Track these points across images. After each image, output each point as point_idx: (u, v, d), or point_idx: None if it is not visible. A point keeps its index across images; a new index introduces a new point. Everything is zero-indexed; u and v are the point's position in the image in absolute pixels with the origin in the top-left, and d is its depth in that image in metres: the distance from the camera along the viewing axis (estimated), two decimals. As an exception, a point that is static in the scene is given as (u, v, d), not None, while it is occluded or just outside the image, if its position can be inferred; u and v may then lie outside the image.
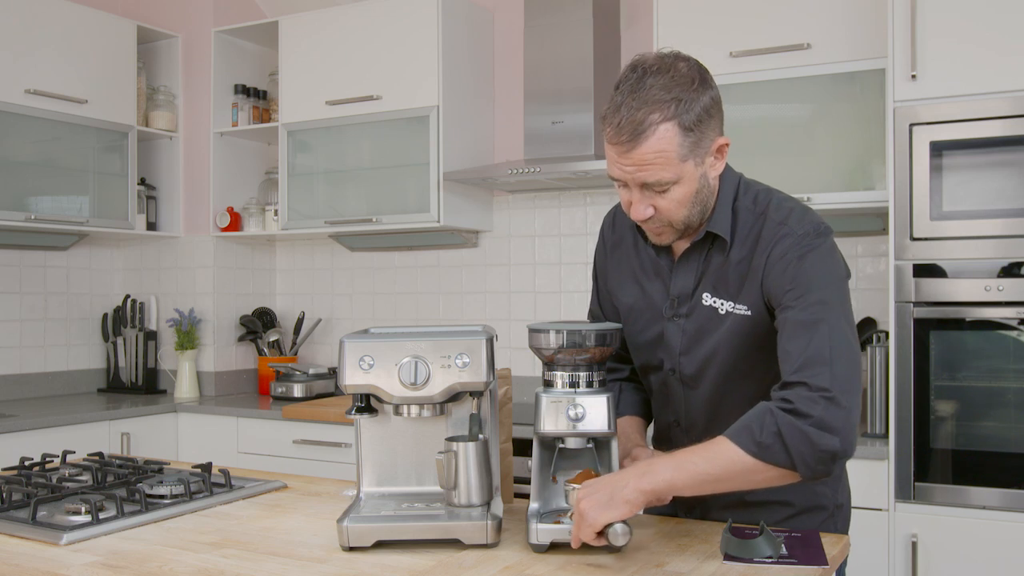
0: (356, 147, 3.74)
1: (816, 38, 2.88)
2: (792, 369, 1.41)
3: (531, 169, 3.23)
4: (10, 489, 1.85)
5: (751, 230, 1.55)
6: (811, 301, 1.44)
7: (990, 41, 2.50)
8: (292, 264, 4.36)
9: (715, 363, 1.59)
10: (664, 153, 1.43)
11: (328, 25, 3.74)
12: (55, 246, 3.96)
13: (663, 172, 1.45)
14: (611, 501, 1.36)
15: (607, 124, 1.46)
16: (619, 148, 1.45)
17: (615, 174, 1.50)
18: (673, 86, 1.43)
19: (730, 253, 1.56)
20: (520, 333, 3.67)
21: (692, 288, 1.60)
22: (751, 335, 1.55)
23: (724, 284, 1.56)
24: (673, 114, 1.42)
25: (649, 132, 1.42)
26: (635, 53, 1.62)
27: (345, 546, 1.52)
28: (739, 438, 1.38)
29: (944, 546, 2.50)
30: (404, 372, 1.55)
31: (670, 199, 1.49)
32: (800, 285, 1.46)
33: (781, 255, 1.49)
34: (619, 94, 1.45)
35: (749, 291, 1.53)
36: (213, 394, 4.03)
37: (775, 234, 1.51)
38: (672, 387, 1.67)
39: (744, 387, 1.59)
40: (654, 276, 1.66)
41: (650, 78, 1.44)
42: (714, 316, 1.57)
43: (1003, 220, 2.46)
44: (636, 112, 1.42)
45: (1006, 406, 2.49)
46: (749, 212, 1.56)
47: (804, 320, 1.43)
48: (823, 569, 1.41)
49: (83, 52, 3.70)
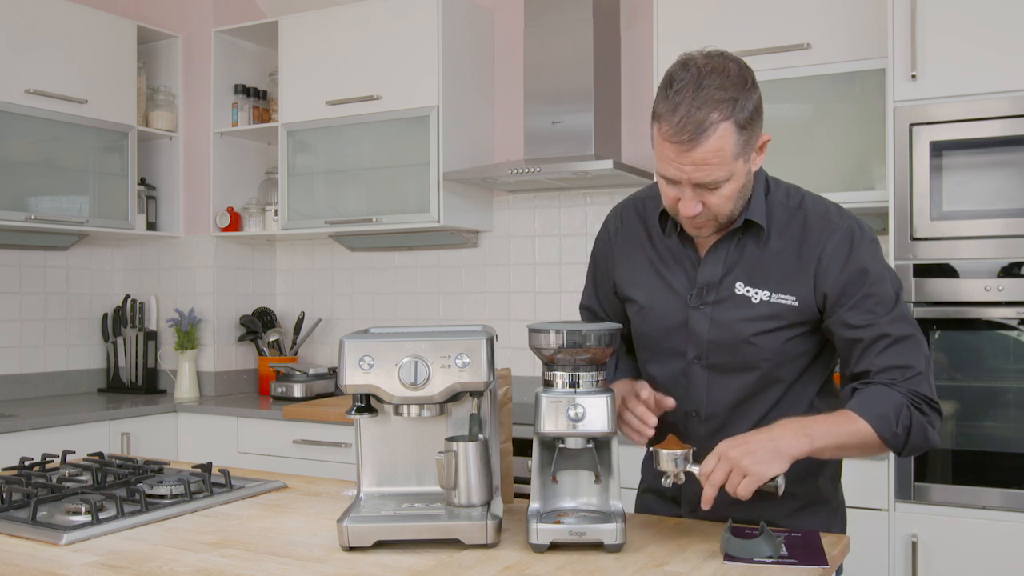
0: (356, 147, 3.74)
1: (816, 38, 2.88)
2: (905, 374, 1.53)
3: (531, 169, 3.23)
4: (10, 489, 1.85)
5: (789, 223, 1.60)
6: (895, 311, 1.55)
7: (990, 41, 2.50)
8: (292, 264, 4.36)
9: (747, 351, 1.61)
10: (722, 152, 1.46)
11: (328, 25, 3.74)
12: (55, 246, 3.96)
13: (719, 171, 1.48)
14: (776, 456, 1.43)
15: (663, 123, 1.46)
16: (678, 147, 1.46)
17: (670, 173, 1.50)
18: (729, 86, 1.46)
19: (768, 243, 1.60)
20: (520, 333, 3.67)
21: (720, 276, 1.62)
22: (794, 324, 1.59)
23: (762, 274, 1.60)
24: (731, 113, 1.45)
25: (710, 131, 1.44)
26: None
27: (345, 546, 1.52)
28: (879, 424, 1.49)
29: (944, 546, 2.50)
30: (404, 372, 1.55)
31: (720, 195, 1.51)
32: (875, 287, 1.55)
33: (834, 250, 1.56)
34: (675, 93, 1.46)
35: (798, 282, 1.58)
36: (213, 394, 4.03)
37: (823, 227, 1.58)
38: (694, 376, 1.66)
39: (775, 374, 1.62)
40: (675, 265, 1.67)
41: (706, 78, 1.45)
42: (746, 304, 1.60)
43: (1003, 220, 2.47)
44: (696, 111, 1.44)
45: (1006, 406, 2.49)
46: (783, 206, 1.62)
47: (894, 325, 1.54)
48: (823, 569, 1.41)
49: (83, 52, 3.70)
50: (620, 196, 3.60)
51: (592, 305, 1.87)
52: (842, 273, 1.55)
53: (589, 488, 1.61)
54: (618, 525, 1.49)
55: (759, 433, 1.48)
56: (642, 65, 3.52)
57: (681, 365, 1.67)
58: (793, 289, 1.58)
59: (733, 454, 1.43)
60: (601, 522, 1.51)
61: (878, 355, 1.53)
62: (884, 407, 1.50)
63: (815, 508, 1.70)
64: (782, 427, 1.48)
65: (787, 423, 1.50)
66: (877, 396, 1.52)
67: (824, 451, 1.49)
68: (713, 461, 1.44)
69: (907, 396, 1.52)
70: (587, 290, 1.88)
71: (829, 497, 1.73)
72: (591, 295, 1.87)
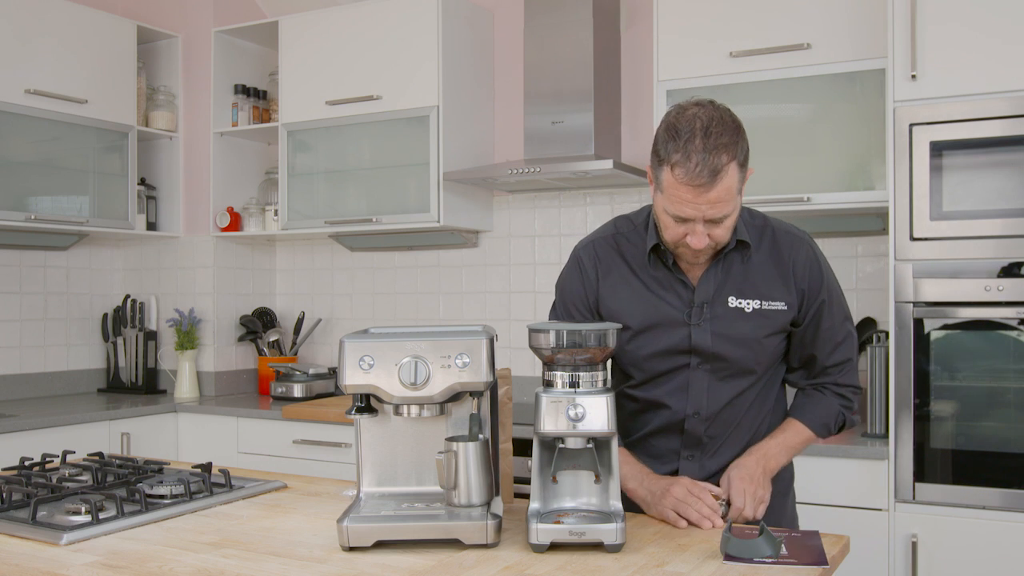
0: (356, 147, 3.74)
1: (816, 38, 2.88)
2: (841, 369, 1.88)
3: (531, 169, 3.23)
4: (10, 489, 1.85)
5: (761, 240, 1.83)
6: (842, 311, 1.87)
7: (990, 41, 2.50)
8: (292, 264, 4.36)
9: (747, 355, 1.81)
10: (730, 190, 1.64)
11: (328, 25, 3.74)
12: (55, 246, 3.96)
13: (727, 206, 1.66)
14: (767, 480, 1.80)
15: (678, 168, 1.61)
16: (697, 190, 1.62)
17: (686, 213, 1.65)
18: (730, 131, 1.63)
19: (751, 259, 1.81)
20: (520, 333, 3.67)
21: (712, 293, 1.80)
22: (785, 327, 1.83)
23: (750, 286, 1.81)
24: (735, 155, 1.63)
25: (723, 173, 1.61)
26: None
27: (345, 546, 1.52)
28: (821, 431, 1.88)
29: (944, 546, 2.50)
30: (404, 372, 1.55)
31: (724, 227, 1.70)
32: (831, 292, 1.85)
33: (805, 260, 1.82)
34: (686, 142, 1.61)
35: (783, 289, 1.81)
36: (213, 394, 4.03)
37: (791, 241, 1.83)
38: (696, 382, 1.83)
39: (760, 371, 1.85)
40: (666, 291, 1.82)
41: (711, 125, 1.62)
42: (740, 315, 1.80)
43: (1003, 220, 2.46)
44: (710, 157, 1.60)
45: (1006, 406, 2.49)
46: (751, 226, 1.83)
47: (842, 326, 1.87)
48: (823, 569, 1.41)
49: (83, 52, 3.70)
50: (620, 196, 3.61)
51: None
52: (811, 279, 1.82)
53: (589, 488, 1.61)
54: (618, 525, 1.49)
55: (754, 463, 1.80)
56: (642, 65, 3.52)
57: (683, 376, 1.83)
58: (780, 295, 1.81)
59: (751, 488, 1.76)
60: (601, 522, 1.51)
61: (832, 351, 1.86)
62: (825, 416, 1.88)
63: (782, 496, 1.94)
64: (761, 452, 1.82)
65: (762, 448, 1.83)
66: (818, 406, 1.89)
67: (784, 462, 1.87)
68: (741, 498, 1.75)
69: (840, 399, 1.89)
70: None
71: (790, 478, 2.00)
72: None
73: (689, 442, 1.86)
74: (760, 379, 1.86)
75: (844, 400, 1.90)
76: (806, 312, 1.83)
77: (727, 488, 1.77)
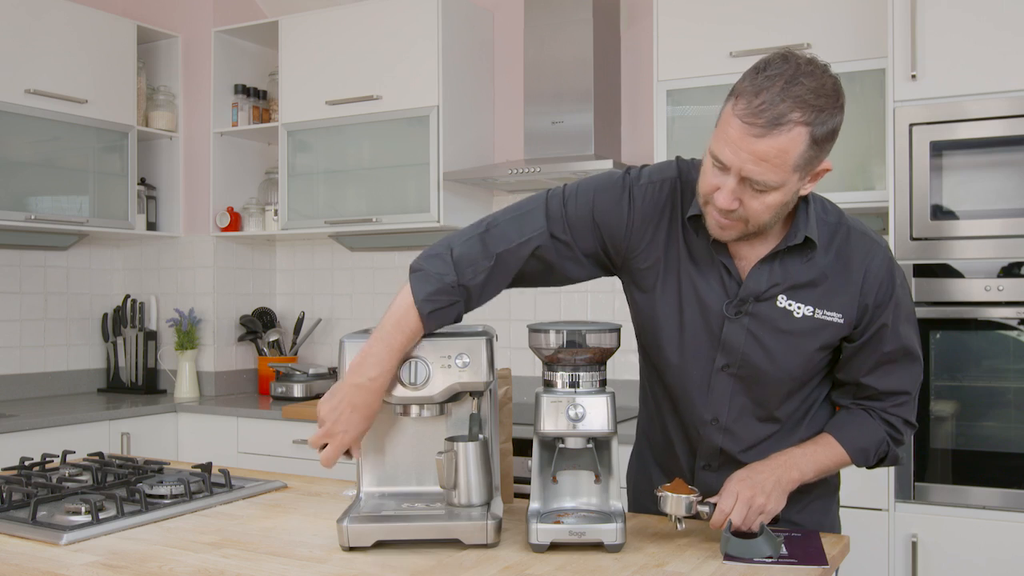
0: (356, 147, 3.74)
1: (816, 38, 2.88)
2: (897, 400, 1.62)
3: (531, 169, 3.23)
4: (10, 489, 1.85)
5: (832, 239, 1.56)
6: (911, 335, 1.61)
7: (990, 41, 2.50)
8: (292, 264, 4.36)
9: (782, 363, 1.57)
10: (785, 154, 1.38)
11: (328, 25, 3.74)
12: (55, 246, 3.96)
13: (772, 174, 1.39)
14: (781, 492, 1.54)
15: (740, 100, 1.38)
16: (747, 130, 1.37)
17: (724, 156, 1.40)
18: (821, 94, 1.38)
19: (815, 259, 1.55)
20: (520, 333, 3.67)
21: (764, 289, 1.55)
22: (835, 340, 1.58)
23: (807, 290, 1.55)
24: (812, 120, 1.37)
25: (785, 127, 1.36)
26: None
27: (345, 546, 1.52)
28: (857, 456, 1.62)
29: (944, 546, 2.50)
30: (404, 372, 1.55)
31: (761, 201, 1.43)
32: (899, 312, 1.58)
33: (878, 270, 1.56)
34: (765, 78, 1.37)
35: (844, 299, 1.55)
36: (213, 394, 4.03)
37: (867, 245, 1.57)
38: (719, 384, 1.60)
39: (794, 386, 1.61)
40: (708, 269, 1.57)
41: (804, 76, 1.37)
42: (787, 318, 1.55)
43: (1003, 220, 2.46)
44: (780, 102, 1.35)
45: (1006, 406, 2.49)
46: (824, 221, 1.57)
47: (909, 350, 1.60)
48: (823, 569, 1.41)
49: (83, 52, 3.69)
50: (620, 196, 3.61)
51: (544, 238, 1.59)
52: (881, 294, 1.56)
53: (589, 488, 1.61)
54: (618, 525, 1.49)
55: (767, 470, 1.56)
56: (642, 65, 3.51)
57: (704, 373, 1.61)
58: (839, 307, 1.55)
59: (748, 494, 1.52)
60: (601, 522, 1.51)
61: (889, 380, 1.61)
62: (866, 442, 1.62)
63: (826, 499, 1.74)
64: (780, 460, 1.57)
65: (784, 455, 1.59)
66: (861, 429, 1.62)
67: (809, 478, 1.60)
68: (731, 500, 1.51)
69: (888, 427, 1.63)
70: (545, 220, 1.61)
71: (836, 484, 1.78)
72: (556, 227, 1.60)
73: (706, 452, 1.66)
74: (795, 394, 1.62)
75: (892, 430, 1.63)
76: (865, 329, 1.56)
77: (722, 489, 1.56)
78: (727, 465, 1.64)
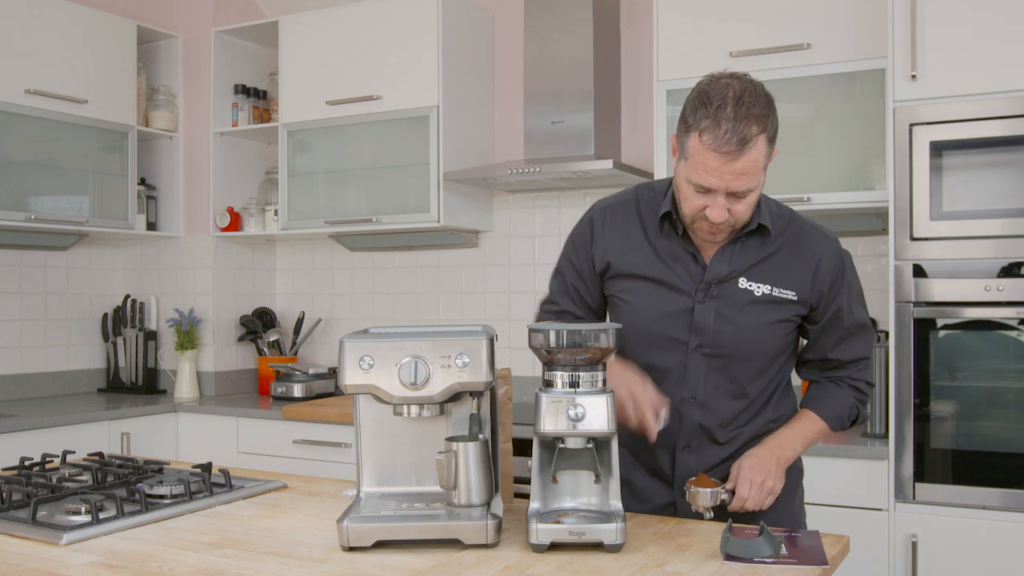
0: (356, 147, 3.74)
1: (816, 38, 2.88)
2: (858, 366, 1.88)
3: (531, 169, 3.23)
4: (10, 489, 1.85)
5: (785, 229, 1.80)
6: (862, 311, 1.86)
7: (990, 41, 2.50)
8: (292, 264, 4.36)
9: (748, 338, 1.77)
10: (757, 163, 1.61)
11: (328, 25, 3.74)
12: (55, 246, 3.96)
13: (752, 180, 1.62)
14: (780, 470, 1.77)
15: (706, 134, 1.59)
16: (723, 157, 1.58)
17: (710, 183, 1.62)
18: (762, 103, 1.61)
19: (769, 245, 1.77)
20: (520, 333, 3.67)
21: (726, 273, 1.76)
22: (791, 317, 1.79)
23: (763, 271, 1.77)
24: (765, 127, 1.61)
25: (752, 143, 1.59)
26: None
27: (345, 546, 1.52)
28: (835, 423, 1.88)
29: (944, 546, 2.50)
30: (404, 372, 1.55)
31: (745, 203, 1.66)
32: (852, 294, 1.82)
33: (830, 260, 1.79)
34: (717, 109, 1.59)
35: (797, 280, 1.77)
36: (213, 394, 4.03)
37: (820, 237, 1.80)
38: (694, 364, 1.79)
39: (763, 361, 1.81)
40: (675, 263, 1.79)
41: (744, 95, 1.60)
42: (748, 297, 1.76)
43: (1003, 220, 2.46)
44: (740, 125, 1.57)
45: (1006, 406, 2.49)
46: (776, 215, 1.80)
47: (863, 323, 1.85)
48: (823, 569, 1.41)
49: (83, 52, 3.69)
50: (620, 196, 3.61)
51: (563, 300, 1.92)
52: (834, 280, 1.79)
53: (589, 488, 1.61)
54: (618, 525, 1.49)
55: (767, 452, 1.77)
56: (642, 65, 3.52)
57: (681, 354, 1.80)
58: (793, 285, 1.77)
59: (760, 479, 1.73)
60: (601, 522, 1.51)
61: (849, 351, 1.85)
62: (840, 409, 1.88)
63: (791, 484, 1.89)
64: (776, 442, 1.80)
65: (777, 437, 1.81)
66: (834, 399, 1.88)
67: (800, 452, 1.86)
68: (747, 488, 1.72)
69: (855, 392, 1.88)
70: (558, 283, 1.95)
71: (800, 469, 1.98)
72: (561, 289, 1.93)
73: (687, 431, 1.81)
74: (763, 374, 1.82)
75: (859, 393, 1.89)
76: (824, 312, 1.80)
77: (735, 477, 1.74)
78: (704, 446, 1.83)
